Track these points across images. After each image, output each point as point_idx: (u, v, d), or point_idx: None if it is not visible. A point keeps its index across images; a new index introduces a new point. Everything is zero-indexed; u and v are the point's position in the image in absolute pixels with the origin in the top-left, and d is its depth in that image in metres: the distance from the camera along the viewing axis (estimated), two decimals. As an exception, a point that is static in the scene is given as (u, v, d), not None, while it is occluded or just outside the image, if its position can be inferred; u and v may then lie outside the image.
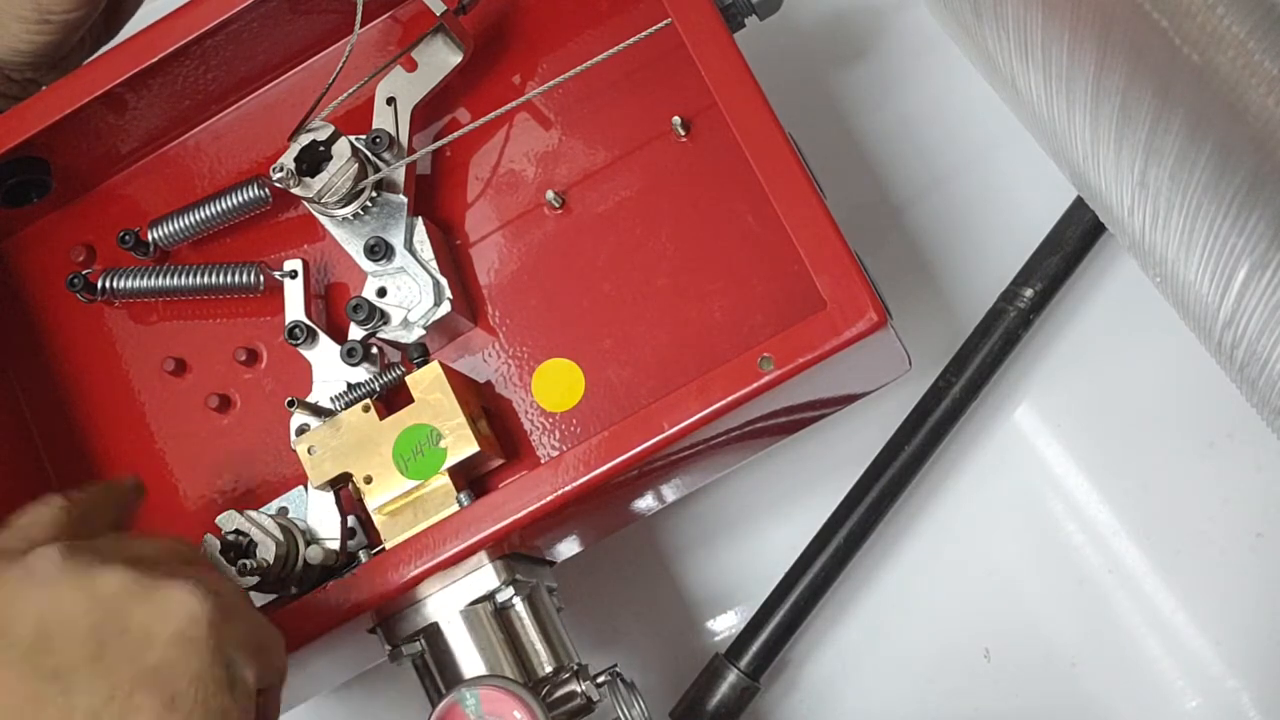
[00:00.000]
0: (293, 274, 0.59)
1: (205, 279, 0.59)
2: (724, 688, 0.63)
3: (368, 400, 0.54)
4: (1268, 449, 0.61)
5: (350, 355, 0.56)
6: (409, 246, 0.56)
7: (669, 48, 0.53)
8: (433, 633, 0.52)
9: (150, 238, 0.60)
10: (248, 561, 0.52)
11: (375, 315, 0.56)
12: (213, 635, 0.40)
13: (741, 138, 0.49)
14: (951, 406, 0.63)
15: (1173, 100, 0.42)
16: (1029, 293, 0.64)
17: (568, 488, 0.49)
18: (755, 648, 0.63)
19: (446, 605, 0.52)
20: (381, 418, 0.54)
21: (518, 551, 0.54)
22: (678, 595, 0.68)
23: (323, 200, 0.55)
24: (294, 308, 0.58)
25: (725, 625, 0.67)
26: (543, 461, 0.50)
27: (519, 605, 0.54)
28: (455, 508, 0.53)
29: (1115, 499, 0.64)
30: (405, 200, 0.57)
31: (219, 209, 0.59)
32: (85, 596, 0.40)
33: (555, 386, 0.57)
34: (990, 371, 0.64)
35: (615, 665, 0.54)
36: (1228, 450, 0.63)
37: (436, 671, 0.52)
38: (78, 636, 0.39)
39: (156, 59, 0.56)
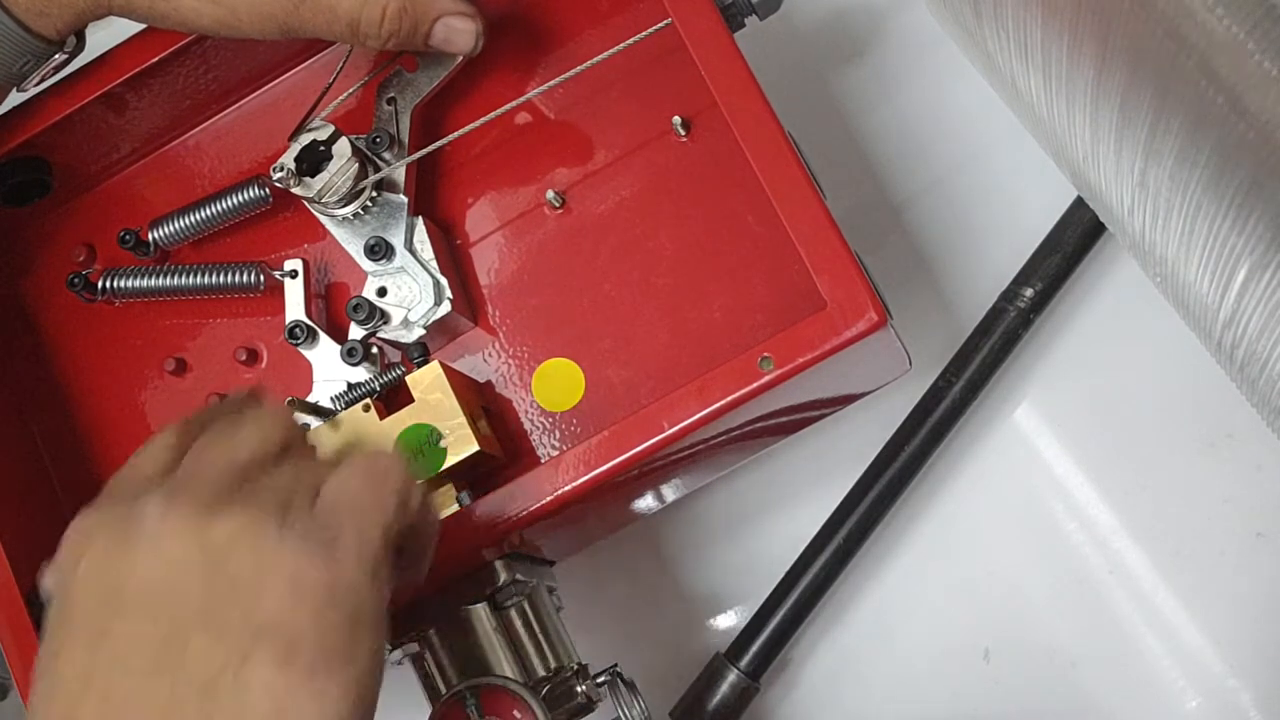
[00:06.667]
0: (293, 274, 0.59)
1: (206, 279, 0.59)
2: (724, 688, 0.63)
3: (368, 400, 0.54)
4: (1268, 449, 0.61)
5: (350, 355, 0.56)
6: (409, 246, 0.56)
7: (669, 48, 0.53)
8: (432, 633, 0.52)
9: (150, 238, 0.60)
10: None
11: (375, 315, 0.56)
12: (324, 579, 0.38)
13: (741, 138, 0.49)
14: (951, 406, 0.63)
15: (1173, 100, 0.42)
16: (1029, 293, 0.64)
17: (568, 488, 0.49)
18: (755, 647, 0.63)
19: (446, 605, 0.52)
20: (381, 417, 0.54)
21: (518, 551, 0.54)
22: (678, 595, 0.68)
23: (323, 200, 0.56)
24: (294, 307, 0.59)
25: (725, 625, 0.67)
26: (543, 461, 0.50)
27: (519, 605, 0.54)
28: (455, 507, 0.53)
29: (1115, 499, 0.64)
30: (405, 200, 0.57)
31: (219, 209, 0.59)
32: (193, 549, 0.38)
33: (555, 386, 0.57)
34: (990, 371, 0.64)
35: (615, 665, 0.54)
36: (1228, 450, 0.63)
37: (436, 671, 0.52)
38: (188, 595, 0.37)
39: (156, 59, 0.56)
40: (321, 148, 0.55)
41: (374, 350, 0.57)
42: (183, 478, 0.40)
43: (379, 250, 0.56)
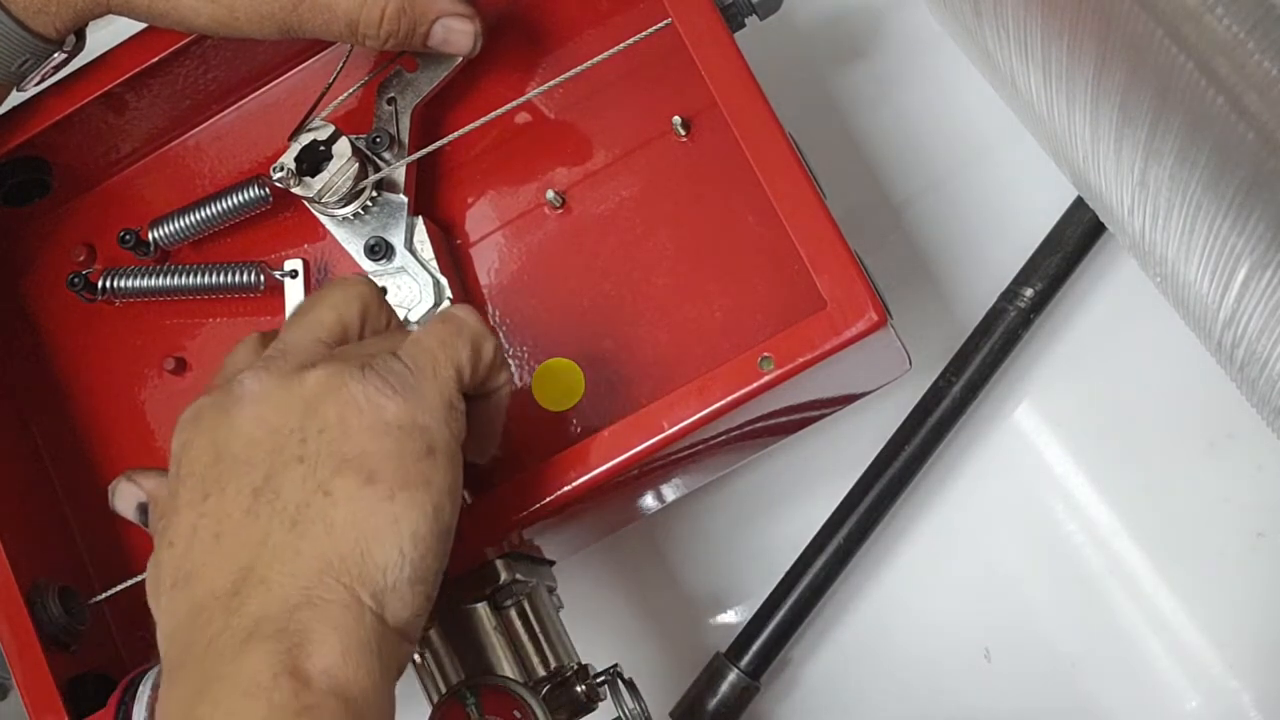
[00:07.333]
0: (293, 274, 0.59)
1: (206, 279, 0.59)
2: (724, 687, 0.63)
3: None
4: (1268, 449, 0.61)
5: (350, 355, 0.56)
6: (409, 246, 0.56)
7: (669, 48, 0.53)
8: (432, 632, 0.52)
9: (151, 237, 0.60)
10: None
11: (375, 315, 0.56)
12: (402, 414, 0.42)
13: (741, 138, 0.49)
14: (951, 406, 0.63)
15: (1173, 100, 0.42)
16: (1029, 292, 0.64)
17: (568, 487, 0.49)
18: (755, 647, 0.63)
19: (446, 604, 0.52)
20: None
21: (518, 551, 0.54)
22: (678, 595, 0.68)
23: (323, 200, 0.56)
24: (294, 307, 0.58)
25: (725, 625, 0.67)
26: (543, 461, 0.50)
27: (519, 605, 0.54)
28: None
29: (1115, 499, 0.64)
30: (405, 200, 0.57)
31: (219, 209, 0.59)
32: (286, 404, 0.42)
33: (555, 386, 0.57)
34: (990, 371, 0.64)
35: (615, 665, 0.54)
36: (1228, 450, 0.63)
37: (436, 671, 0.52)
38: (282, 441, 0.41)
39: (156, 59, 0.56)
40: (321, 148, 0.55)
41: (374, 350, 0.57)
42: (271, 354, 0.44)
43: (379, 250, 0.56)
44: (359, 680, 0.39)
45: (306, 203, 0.57)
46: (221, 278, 0.59)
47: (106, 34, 0.58)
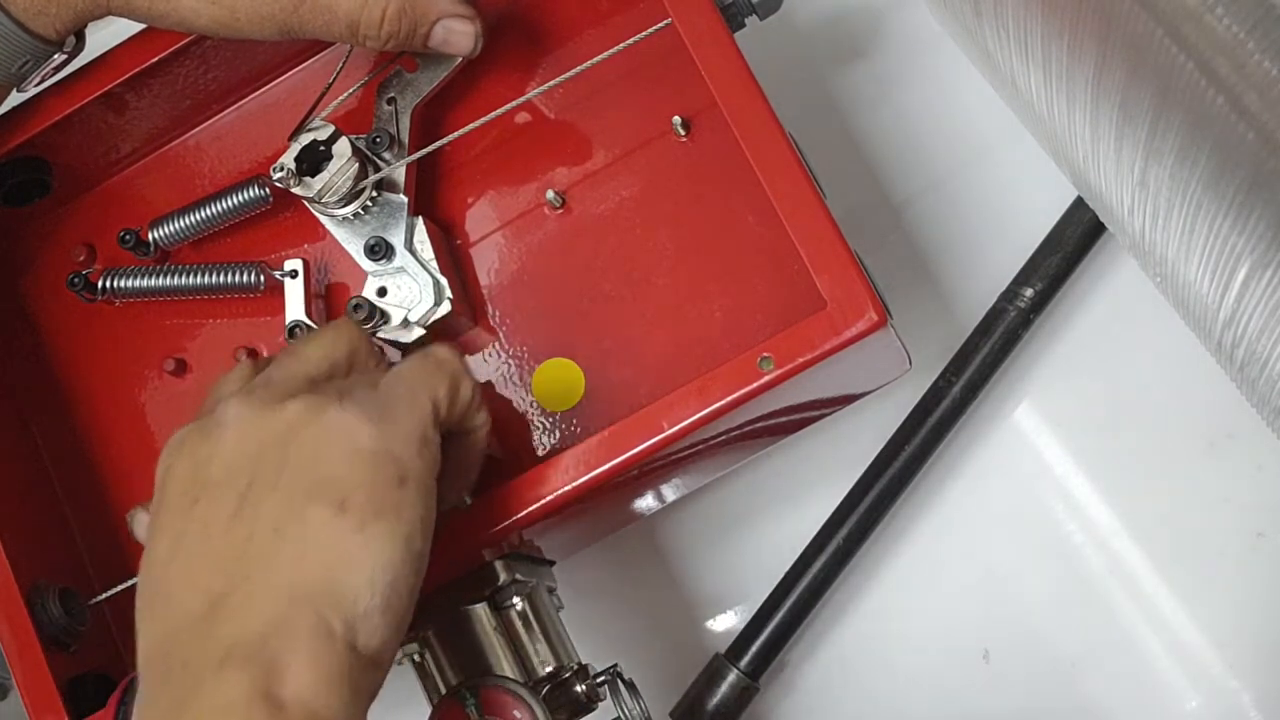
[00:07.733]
0: (293, 274, 0.59)
1: (206, 279, 0.59)
2: (724, 688, 0.63)
3: (368, 400, 0.54)
4: (1268, 449, 0.61)
5: (350, 355, 0.56)
6: (409, 246, 0.56)
7: (669, 48, 0.53)
8: (432, 633, 0.52)
9: (151, 237, 0.60)
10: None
11: (375, 315, 0.56)
12: (376, 443, 0.42)
13: (741, 138, 0.49)
14: (951, 406, 0.63)
15: (1173, 100, 0.42)
16: (1029, 292, 0.64)
17: (568, 488, 0.49)
18: (755, 648, 0.63)
19: (446, 605, 0.52)
20: (381, 417, 0.54)
21: (518, 551, 0.54)
22: (678, 595, 0.68)
23: (323, 200, 0.56)
24: (294, 307, 0.59)
25: (725, 625, 0.67)
26: (543, 461, 0.50)
27: (519, 605, 0.54)
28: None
29: (1115, 499, 0.64)
30: (405, 200, 0.57)
31: (219, 209, 0.59)
32: (265, 429, 0.42)
33: (555, 386, 0.57)
34: (990, 371, 0.64)
35: (615, 665, 0.54)
36: (1228, 450, 0.63)
37: (436, 671, 0.52)
38: (260, 464, 0.42)
39: (156, 59, 0.56)
40: (321, 148, 0.55)
41: (374, 350, 0.57)
42: (258, 384, 0.45)
43: (379, 250, 0.56)
44: (331, 706, 0.39)
45: (306, 203, 0.57)
46: (221, 278, 0.59)
47: (106, 34, 0.58)
